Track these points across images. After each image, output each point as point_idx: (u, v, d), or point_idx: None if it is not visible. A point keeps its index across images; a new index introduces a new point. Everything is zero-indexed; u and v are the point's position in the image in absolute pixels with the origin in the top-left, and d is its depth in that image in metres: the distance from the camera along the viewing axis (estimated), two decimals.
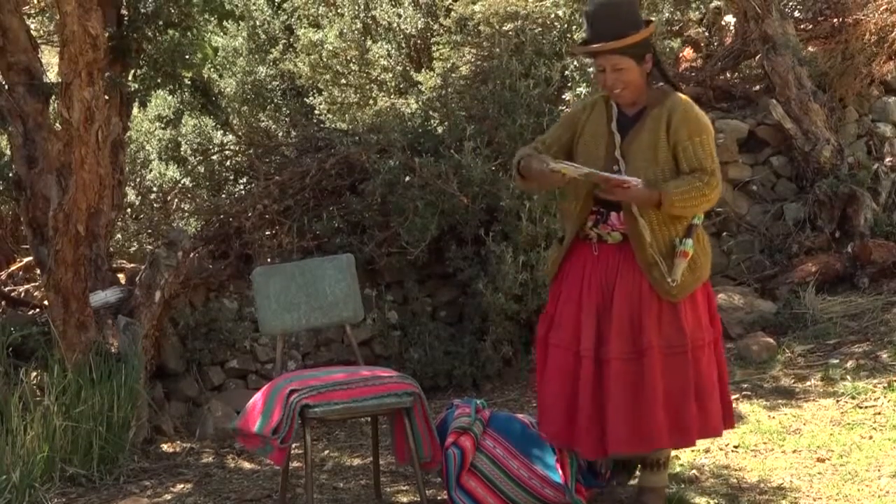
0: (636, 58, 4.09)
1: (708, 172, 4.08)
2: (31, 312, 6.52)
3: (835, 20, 8.20)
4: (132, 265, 7.21)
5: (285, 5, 8.17)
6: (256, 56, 8.23)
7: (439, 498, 4.65)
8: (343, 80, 7.37)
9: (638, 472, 4.46)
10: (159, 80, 6.50)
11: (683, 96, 4.21)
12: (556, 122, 4.41)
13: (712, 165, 4.11)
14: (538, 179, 4.17)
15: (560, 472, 4.42)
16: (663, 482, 4.35)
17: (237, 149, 7.84)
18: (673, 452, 5.08)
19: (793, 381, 6.04)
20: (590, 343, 4.09)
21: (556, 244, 4.35)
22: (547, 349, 4.23)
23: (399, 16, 7.26)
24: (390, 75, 7.23)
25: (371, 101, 7.14)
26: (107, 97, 5.85)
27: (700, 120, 4.14)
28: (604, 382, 4.07)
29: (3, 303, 6.80)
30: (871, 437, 5.10)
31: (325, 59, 7.37)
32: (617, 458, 4.40)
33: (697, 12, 8.08)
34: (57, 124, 5.72)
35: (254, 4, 8.23)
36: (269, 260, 6.62)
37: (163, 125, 8.19)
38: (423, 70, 7.01)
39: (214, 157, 7.83)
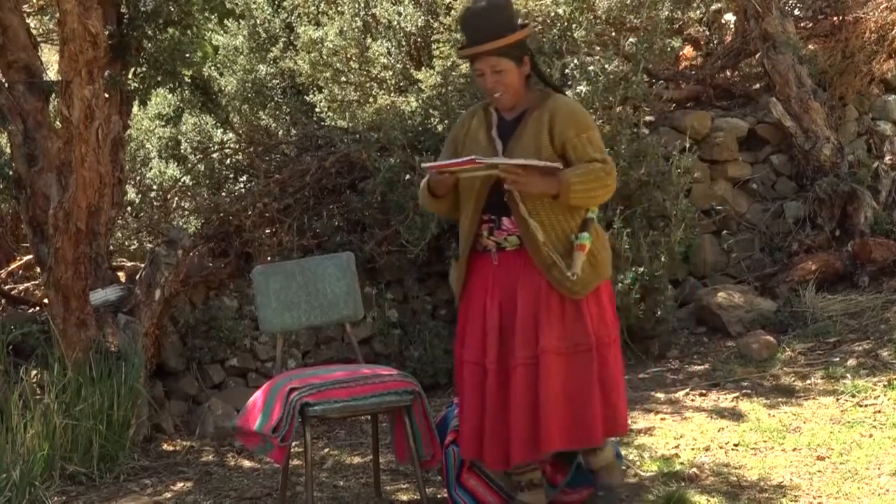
0: (515, 59, 4.08)
1: (603, 160, 4.06)
2: (31, 311, 6.52)
3: (835, 18, 8.21)
4: (132, 263, 7.21)
5: (285, 3, 8.16)
6: (256, 54, 8.22)
7: (439, 496, 4.65)
8: (343, 78, 7.36)
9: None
10: (159, 79, 6.49)
11: (564, 97, 4.22)
12: (445, 144, 4.34)
13: (605, 156, 4.09)
14: (435, 189, 4.16)
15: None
16: (609, 457, 4.32)
17: (237, 147, 7.84)
18: (672, 450, 5.09)
19: (793, 379, 6.04)
20: (494, 356, 4.07)
21: (454, 263, 4.31)
22: (462, 367, 4.18)
23: (399, 14, 7.25)
24: (390, 73, 7.23)
25: (371, 99, 7.14)
26: (107, 95, 5.85)
27: (586, 117, 4.16)
28: (508, 392, 4.05)
29: (3, 301, 6.80)
30: (871, 436, 5.10)
31: (325, 57, 7.36)
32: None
33: (698, 11, 8.08)
34: (57, 122, 5.72)
35: (254, 3, 8.22)
36: (269, 258, 6.62)
37: (163, 123, 8.18)
38: (423, 68, 7.00)
39: (214, 156, 7.83)
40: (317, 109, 7.52)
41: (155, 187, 7.92)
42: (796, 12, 8.50)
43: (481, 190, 4.11)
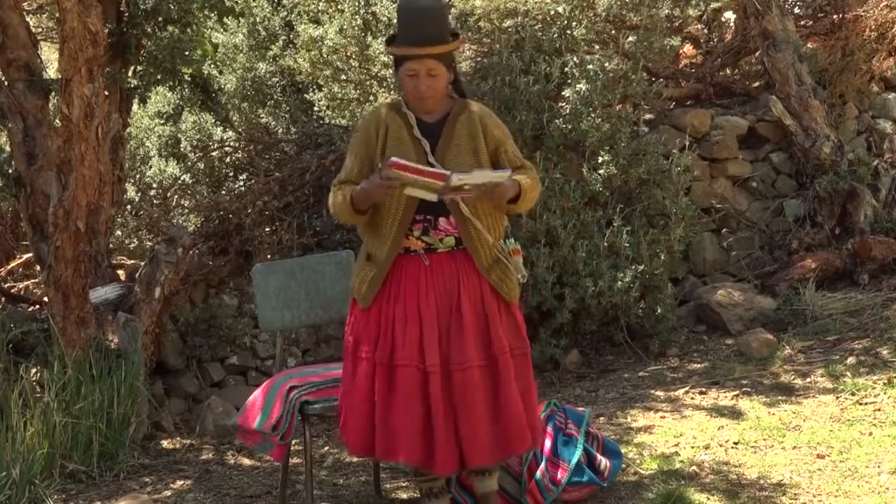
0: (448, 66, 4.04)
1: (528, 167, 4.11)
2: (31, 309, 6.53)
3: (835, 16, 8.21)
4: (132, 262, 7.22)
5: (285, 1, 8.17)
6: (256, 52, 8.24)
7: None
8: (343, 77, 7.37)
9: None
10: (159, 77, 6.50)
11: (478, 103, 4.21)
12: (351, 153, 4.11)
13: (528, 163, 4.16)
14: (372, 196, 3.95)
15: (556, 470, 4.44)
16: (496, 485, 4.29)
17: (237, 145, 7.85)
18: (672, 448, 5.09)
19: (793, 377, 6.04)
20: (436, 358, 3.97)
21: (366, 263, 4.08)
22: (395, 371, 4.01)
23: None
24: (391, 71, 7.23)
25: (371, 98, 7.14)
26: (107, 93, 5.85)
27: (502, 123, 4.19)
28: (456, 394, 3.97)
29: (3, 299, 6.80)
30: (870, 434, 5.10)
31: (325, 56, 7.37)
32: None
33: (698, 9, 8.08)
34: (57, 121, 5.72)
35: (254, 1, 8.23)
36: (269, 256, 6.62)
37: (162, 121, 8.20)
38: None
39: (214, 154, 7.84)
40: (316, 108, 7.53)
41: (155, 185, 7.93)
42: (796, 10, 8.49)
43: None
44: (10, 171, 6.14)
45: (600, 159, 6.67)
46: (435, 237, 4.03)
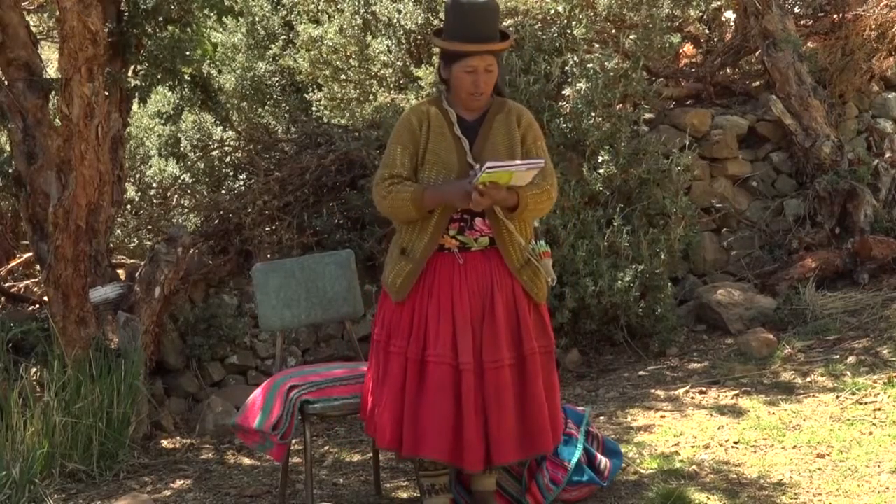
0: (500, 63, 4.12)
1: (549, 173, 4.14)
2: (30, 308, 6.52)
3: (835, 16, 8.21)
4: (132, 261, 7.21)
5: (284, 1, 8.17)
6: (256, 52, 8.23)
7: None
8: (343, 76, 7.37)
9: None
10: (159, 76, 6.48)
11: (516, 102, 4.29)
12: (396, 144, 4.13)
13: (551, 167, 4.18)
14: (452, 201, 4.02)
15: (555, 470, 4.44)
16: (494, 485, 4.35)
17: (237, 145, 7.84)
18: (672, 448, 5.09)
19: (793, 377, 6.04)
20: (469, 356, 4.03)
21: (400, 257, 4.15)
22: (426, 367, 4.06)
23: (399, 11, 7.25)
24: (390, 71, 7.23)
25: (371, 97, 7.14)
26: (106, 93, 5.84)
27: (538, 125, 4.24)
28: (488, 392, 4.04)
29: (2, 299, 6.80)
30: (870, 433, 5.10)
31: (324, 55, 7.37)
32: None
33: (698, 9, 8.07)
34: (57, 120, 5.72)
35: (253, 0, 8.23)
36: (268, 256, 6.62)
37: (162, 121, 8.19)
38: (423, 66, 7.00)
39: (214, 153, 7.83)
40: (315, 107, 7.52)
41: (155, 185, 7.92)
42: (796, 10, 8.49)
43: None
44: (10, 170, 6.13)
45: (600, 159, 6.67)
46: (470, 237, 4.11)
